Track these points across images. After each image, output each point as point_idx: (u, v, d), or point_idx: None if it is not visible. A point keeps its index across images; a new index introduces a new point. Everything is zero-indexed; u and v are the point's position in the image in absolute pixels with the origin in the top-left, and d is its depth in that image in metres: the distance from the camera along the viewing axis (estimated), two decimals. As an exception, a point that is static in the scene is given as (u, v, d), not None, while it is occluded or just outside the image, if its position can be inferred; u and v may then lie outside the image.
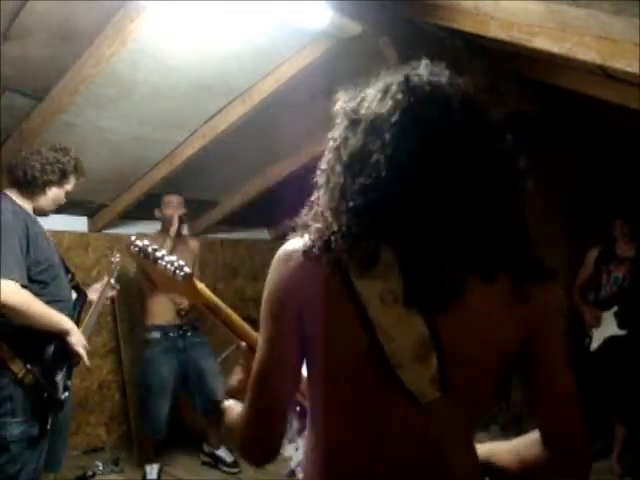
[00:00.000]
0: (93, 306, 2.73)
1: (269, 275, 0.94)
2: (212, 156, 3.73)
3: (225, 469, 3.87)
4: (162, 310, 3.73)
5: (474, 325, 0.86)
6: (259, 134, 3.64)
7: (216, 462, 3.92)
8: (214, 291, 1.22)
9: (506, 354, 0.90)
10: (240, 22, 2.67)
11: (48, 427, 2.28)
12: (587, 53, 2.24)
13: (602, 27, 2.14)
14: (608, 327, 3.77)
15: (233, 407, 1.07)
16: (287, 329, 0.91)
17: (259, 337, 0.96)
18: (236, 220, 4.86)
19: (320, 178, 0.93)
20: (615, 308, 3.76)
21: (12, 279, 2.15)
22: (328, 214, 0.88)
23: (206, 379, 3.75)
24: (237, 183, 4.45)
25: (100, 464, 3.78)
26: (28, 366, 2.24)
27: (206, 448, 3.98)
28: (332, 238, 0.86)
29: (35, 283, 2.27)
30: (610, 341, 3.76)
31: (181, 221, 3.81)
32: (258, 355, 0.94)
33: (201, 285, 1.20)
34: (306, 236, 0.90)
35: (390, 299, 0.84)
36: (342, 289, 0.85)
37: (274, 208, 4.48)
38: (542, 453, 0.96)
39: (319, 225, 0.88)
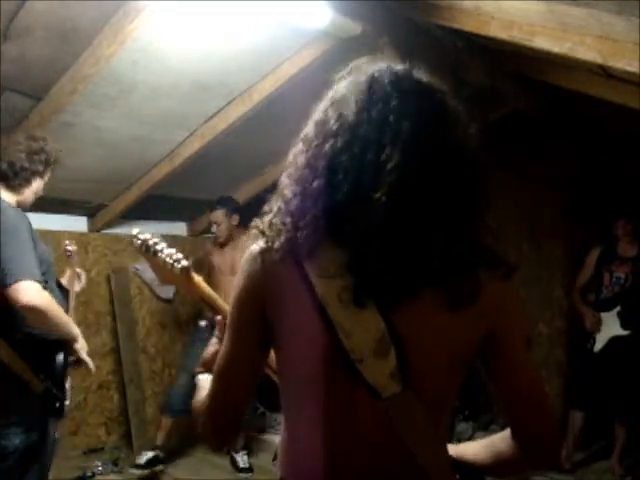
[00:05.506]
0: (70, 303, 2.55)
1: (237, 276, 0.97)
2: (212, 156, 3.72)
3: (238, 474, 3.85)
4: None
5: (431, 319, 0.87)
6: (259, 134, 3.63)
7: (231, 463, 3.93)
8: (215, 289, 1.25)
9: (466, 349, 0.91)
10: (240, 22, 2.67)
11: (57, 435, 2.23)
12: (588, 53, 2.24)
13: (602, 27, 2.13)
14: (611, 327, 3.77)
15: (204, 387, 1.10)
16: (250, 329, 0.95)
17: (225, 334, 0.99)
18: (236, 220, 4.86)
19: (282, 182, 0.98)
20: (617, 308, 3.77)
21: (35, 280, 1.99)
22: (282, 217, 0.91)
23: None
24: (237, 183, 4.45)
25: (100, 464, 3.78)
26: (41, 376, 2.13)
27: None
28: (288, 240, 0.89)
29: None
30: (613, 341, 3.76)
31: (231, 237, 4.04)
32: (222, 351, 0.98)
33: (198, 278, 1.24)
34: (266, 238, 0.93)
35: (346, 297, 0.86)
36: (302, 289, 0.88)
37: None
38: (514, 446, 0.98)
39: (278, 226, 0.91)
